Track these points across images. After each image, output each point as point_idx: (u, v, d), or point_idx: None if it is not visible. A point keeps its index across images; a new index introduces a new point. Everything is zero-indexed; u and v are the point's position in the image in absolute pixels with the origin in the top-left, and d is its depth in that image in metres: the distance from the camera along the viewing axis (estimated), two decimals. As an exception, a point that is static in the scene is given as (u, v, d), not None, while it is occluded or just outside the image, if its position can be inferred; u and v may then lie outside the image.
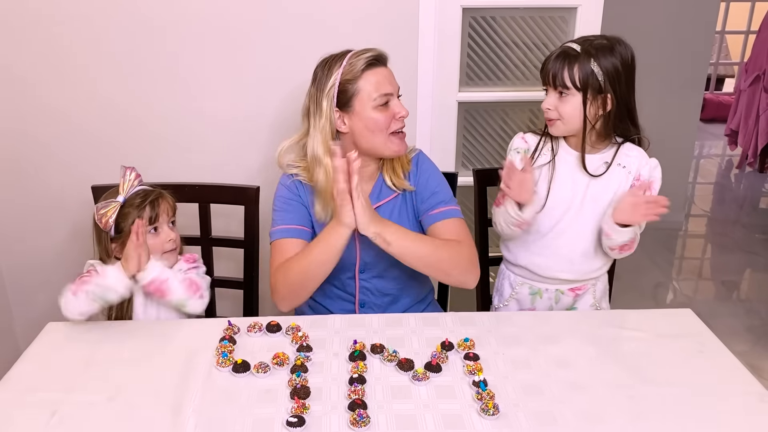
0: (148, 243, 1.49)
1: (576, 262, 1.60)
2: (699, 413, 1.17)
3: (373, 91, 1.48)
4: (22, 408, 1.17)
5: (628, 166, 1.54)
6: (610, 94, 1.47)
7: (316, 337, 1.39)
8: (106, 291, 1.41)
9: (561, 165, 1.58)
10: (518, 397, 1.20)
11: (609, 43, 1.48)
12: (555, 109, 1.50)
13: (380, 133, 1.50)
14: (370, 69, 1.49)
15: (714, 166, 5.45)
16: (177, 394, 1.21)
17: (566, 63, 1.46)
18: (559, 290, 1.64)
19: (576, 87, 1.46)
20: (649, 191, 1.51)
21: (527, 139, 1.63)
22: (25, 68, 1.92)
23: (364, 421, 1.12)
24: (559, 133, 1.54)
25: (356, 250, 1.59)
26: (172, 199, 1.60)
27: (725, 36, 6.35)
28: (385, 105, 1.50)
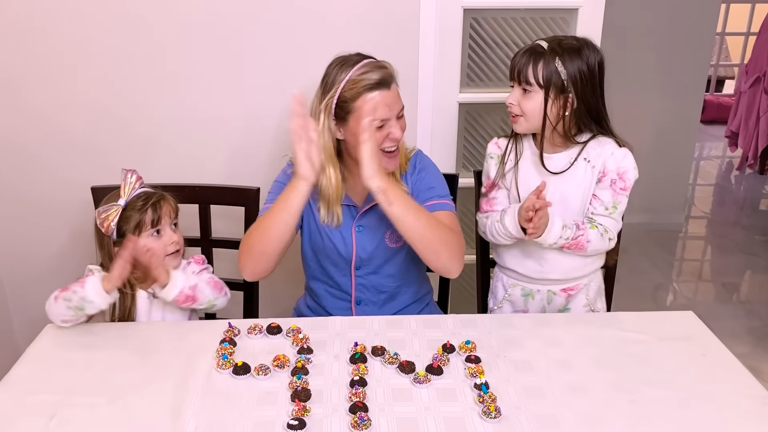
0: (151, 246, 1.48)
1: (558, 260, 1.59)
2: (701, 416, 1.16)
3: (368, 113, 1.45)
4: (21, 410, 1.17)
5: (593, 160, 1.53)
6: (571, 95, 1.47)
7: (316, 339, 1.39)
8: (82, 302, 1.39)
9: (527, 165, 1.59)
10: (520, 400, 1.20)
11: (577, 44, 1.47)
12: (518, 105, 1.50)
13: None
14: (370, 92, 1.46)
15: (714, 167, 5.45)
16: (177, 396, 1.20)
17: (531, 60, 1.46)
18: (551, 291, 1.63)
19: (539, 84, 1.46)
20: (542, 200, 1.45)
21: (500, 144, 1.64)
22: (23, 70, 1.92)
23: (365, 424, 1.11)
24: (522, 130, 1.55)
25: (352, 246, 1.59)
26: (174, 201, 1.58)
27: (725, 38, 6.36)
28: (380, 128, 1.48)
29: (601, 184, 1.53)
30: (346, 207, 1.59)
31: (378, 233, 1.59)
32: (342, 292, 1.65)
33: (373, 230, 1.59)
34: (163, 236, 1.53)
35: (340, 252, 1.60)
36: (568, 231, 1.50)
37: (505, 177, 1.62)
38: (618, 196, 1.53)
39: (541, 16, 2.03)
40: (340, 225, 1.58)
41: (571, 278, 1.63)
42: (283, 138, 2.00)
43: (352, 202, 1.60)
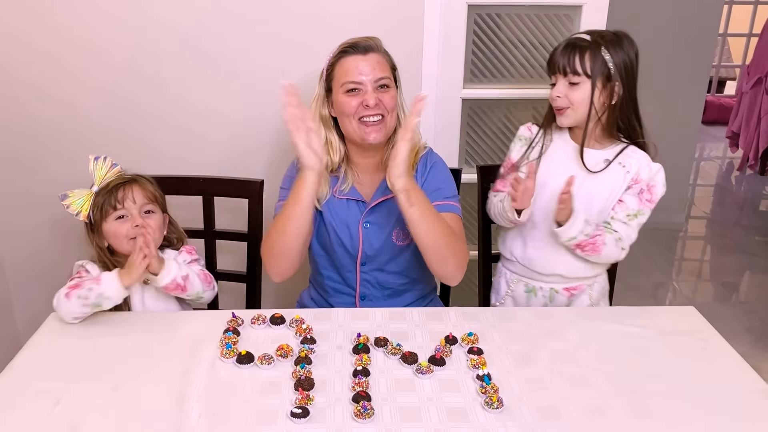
0: (114, 230, 1.49)
1: (568, 255, 1.59)
2: (701, 410, 1.17)
3: (341, 77, 1.51)
4: (25, 397, 1.18)
5: (628, 166, 1.53)
6: (618, 83, 1.48)
7: (319, 329, 1.39)
8: (100, 298, 1.39)
9: (559, 156, 1.58)
10: (522, 392, 1.21)
11: (617, 37, 1.50)
12: (565, 97, 1.50)
13: (348, 118, 1.52)
14: (344, 56, 1.52)
15: (715, 168, 5.46)
16: (181, 384, 1.21)
17: (577, 52, 1.48)
18: (554, 289, 1.64)
19: (586, 74, 1.47)
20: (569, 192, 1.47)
21: (532, 129, 1.65)
22: (31, 58, 1.92)
23: (368, 413, 1.12)
24: (569, 122, 1.54)
25: (359, 242, 1.59)
26: (151, 186, 1.56)
27: (727, 38, 6.36)
28: (353, 91, 1.51)
29: (630, 190, 1.53)
30: (354, 202, 1.60)
31: (385, 230, 1.59)
32: (347, 287, 1.65)
33: (380, 227, 1.59)
34: (127, 221, 1.50)
35: (346, 247, 1.60)
36: (589, 228, 1.50)
37: (528, 161, 1.62)
38: (642, 206, 1.54)
39: (545, 13, 2.03)
40: (327, 197, 1.58)
41: (575, 277, 1.62)
42: (283, 131, 1.99)
43: (360, 197, 1.60)
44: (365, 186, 1.61)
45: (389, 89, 1.53)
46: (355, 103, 1.50)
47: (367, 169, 1.62)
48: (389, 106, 1.52)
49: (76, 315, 1.40)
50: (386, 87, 1.53)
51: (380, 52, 1.54)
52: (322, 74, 1.57)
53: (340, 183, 1.60)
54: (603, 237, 1.52)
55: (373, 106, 1.49)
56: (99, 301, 1.39)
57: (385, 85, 1.52)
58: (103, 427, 1.10)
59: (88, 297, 1.38)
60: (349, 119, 1.52)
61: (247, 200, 1.78)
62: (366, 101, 1.49)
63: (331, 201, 1.60)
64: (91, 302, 1.39)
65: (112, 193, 1.50)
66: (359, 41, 1.53)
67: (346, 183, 1.60)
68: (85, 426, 1.10)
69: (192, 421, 1.11)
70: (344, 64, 1.52)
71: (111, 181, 1.52)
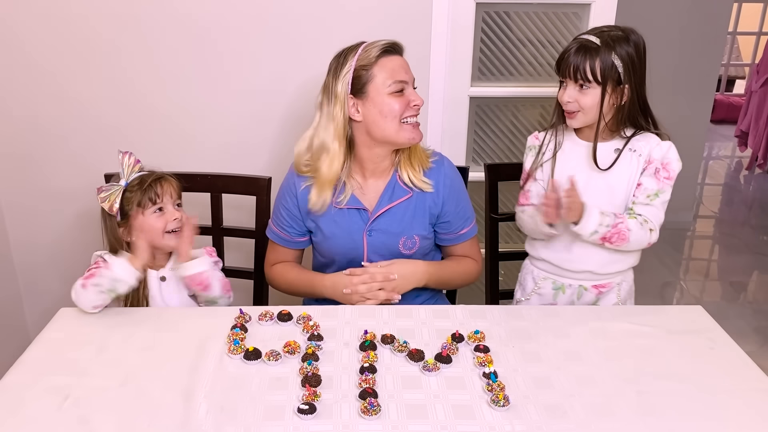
0: (151, 224, 1.52)
1: (595, 253, 1.57)
2: (709, 409, 1.17)
3: (388, 77, 1.50)
4: (35, 391, 1.18)
5: (639, 150, 1.52)
6: (627, 86, 1.48)
7: (326, 326, 1.40)
8: (114, 282, 1.43)
9: (571, 156, 1.58)
10: (528, 390, 1.21)
11: (624, 34, 1.48)
12: (575, 102, 1.49)
13: (393, 120, 1.51)
14: (385, 56, 1.51)
15: (723, 167, 5.44)
16: (189, 380, 1.21)
17: (587, 56, 1.46)
18: (582, 286, 1.63)
19: (596, 81, 1.46)
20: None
21: (539, 137, 1.64)
22: (42, 55, 1.93)
23: (374, 409, 1.12)
24: (579, 124, 1.54)
25: (363, 250, 1.59)
26: (176, 183, 1.59)
27: (737, 37, 6.33)
28: (400, 92, 1.51)
29: (645, 172, 1.53)
30: (356, 211, 1.59)
31: (392, 239, 1.59)
32: None
33: (385, 235, 1.59)
34: (166, 213, 1.53)
35: (350, 257, 1.60)
36: (608, 218, 1.49)
37: (542, 168, 1.61)
38: (661, 184, 1.52)
39: (553, 11, 2.03)
40: (324, 210, 1.58)
41: (604, 273, 1.60)
42: (288, 129, 2.02)
43: (362, 206, 1.59)
44: (368, 193, 1.60)
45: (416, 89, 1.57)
46: (402, 105, 1.50)
47: (373, 175, 1.60)
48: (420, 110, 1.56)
49: (95, 303, 1.43)
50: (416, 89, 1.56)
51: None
52: (346, 79, 1.50)
53: (338, 194, 1.58)
54: (625, 223, 1.50)
55: (421, 104, 1.53)
56: (113, 285, 1.43)
57: (416, 87, 1.56)
58: (111, 422, 1.11)
59: (102, 284, 1.42)
60: (394, 120, 1.50)
61: (255, 197, 1.78)
62: (414, 101, 1.52)
63: (331, 212, 1.59)
64: (106, 288, 1.42)
65: (151, 187, 1.52)
66: (396, 42, 1.54)
67: (345, 194, 1.58)
68: (94, 421, 1.11)
69: (200, 417, 1.12)
70: (387, 63, 1.50)
71: (143, 177, 1.54)
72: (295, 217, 1.62)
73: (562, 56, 1.51)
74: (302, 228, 1.64)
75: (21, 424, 1.11)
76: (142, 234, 1.51)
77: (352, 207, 1.58)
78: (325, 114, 1.53)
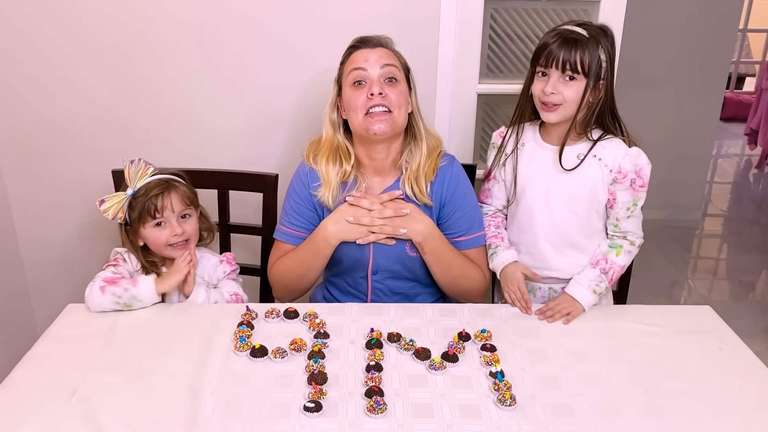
0: (152, 236, 1.52)
1: (556, 260, 1.57)
2: (717, 409, 1.16)
3: (348, 67, 1.51)
4: (42, 387, 1.19)
5: (604, 159, 1.50)
6: (604, 83, 1.46)
7: (332, 324, 1.40)
8: (133, 300, 1.43)
9: (533, 158, 1.56)
10: (535, 389, 1.20)
11: (601, 29, 1.47)
12: (560, 93, 1.45)
13: (355, 112, 1.48)
14: (354, 51, 1.52)
15: (732, 165, 5.40)
16: (195, 376, 1.22)
17: (577, 47, 1.42)
18: (552, 288, 1.62)
19: (584, 72, 1.43)
20: None
21: (502, 133, 1.63)
22: (52, 51, 1.93)
23: (380, 408, 1.12)
24: (557, 118, 1.49)
25: (370, 253, 1.57)
26: (188, 190, 1.57)
27: (747, 34, 6.28)
28: (360, 84, 1.49)
29: (620, 185, 1.50)
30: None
31: (398, 242, 1.55)
32: (358, 292, 1.64)
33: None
34: (166, 228, 1.53)
35: (356, 258, 1.58)
36: (601, 285, 1.51)
37: (504, 167, 1.60)
38: (637, 193, 1.52)
39: (562, 8, 2.01)
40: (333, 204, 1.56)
41: (569, 277, 1.58)
42: (297, 126, 2.02)
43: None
44: (375, 192, 1.58)
45: (398, 83, 1.50)
46: (362, 96, 1.47)
47: (377, 172, 1.58)
48: (395, 101, 1.48)
49: (105, 309, 1.43)
50: (394, 80, 1.49)
51: (390, 49, 1.53)
52: (336, 77, 1.57)
53: (349, 190, 1.56)
54: (614, 267, 1.53)
55: (377, 94, 1.46)
56: (131, 302, 1.43)
57: (393, 78, 1.49)
58: (119, 418, 1.11)
59: (122, 296, 1.42)
60: (356, 113, 1.48)
61: (262, 194, 1.78)
62: (371, 89, 1.46)
63: None
64: (123, 301, 1.43)
65: (151, 201, 1.51)
66: (371, 37, 1.53)
67: (357, 187, 1.56)
68: (102, 416, 1.11)
69: (206, 413, 1.12)
70: (353, 57, 1.51)
71: (148, 185, 1.52)
72: (304, 212, 1.59)
73: (546, 46, 1.46)
74: (311, 217, 1.60)
75: (29, 419, 1.11)
76: (151, 245, 1.54)
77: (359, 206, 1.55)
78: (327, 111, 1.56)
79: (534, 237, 1.58)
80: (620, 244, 1.54)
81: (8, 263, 2.13)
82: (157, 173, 1.56)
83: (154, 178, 1.54)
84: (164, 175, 1.57)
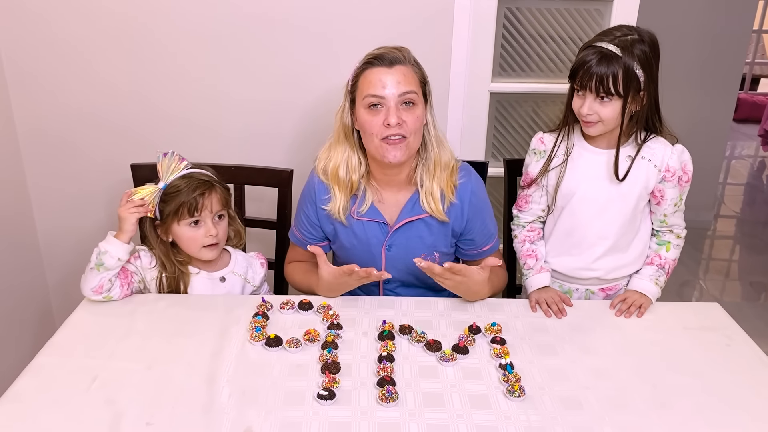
0: (187, 235, 1.50)
1: (602, 262, 1.59)
2: (724, 404, 1.18)
3: (364, 89, 1.43)
4: (63, 373, 1.23)
5: (653, 159, 1.52)
6: (645, 92, 1.45)
7: (345, 316, 1.43)
8: (100, 255, 1.43)
9: (580, 164, 1.56)
10: (544, 381, 1.23)
11: (638, 36, 1.44)
12: (596, 113, 1.45)
13: (371, 137, 1.44)
14: (369, 68, 1.44)
15: (746, 167, 5.38)
16: (212, 365, 1.25)
17: (609, 68, 1.40)
18: (589, 290, 1.64)
19: (618, 93, 1.42)
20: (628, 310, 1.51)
21: (545, 140, 1.61)
22: (73, 40, 1.96)
23: (392, 397, 1.15)
24: (597, 132, 1.50)
25: (382, 265, 1.56)
26: (222, 192, 1.55)
27: (762, 35, 6.24)
28: (375, 107, 1.43)
29: (669, 183, 1.52)
30: (375, 224, 1.55)
31: (410, 254, 1.50)
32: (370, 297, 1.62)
33: (405, 250, 1.55)
34: (201, 227, 1.51)
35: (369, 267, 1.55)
36: (661, 278, 1.56)
37: (548, 174, 1.59)
38: (683, 188, 1.55)
39: (575, 8, 2.03)
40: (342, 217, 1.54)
41: (613, 278, 1.62)
42: (311, 121, 2.05)
43: (383, 219, 1.55)
44: (388, 206, 1.56)
45: (414, 107, 1.44)
46: (377, 123, 1.42)
47: (390, 186, 1.56)
48: (412, 127, 1.43)
49: (92, 285, 1.44)
50: (411, 104, 1.43)
51: (408, 64, 1.45)
52: (347, 84, 1.50)
53: (359, 203, 1.54)
54: (669, 262, 1.59)
55: (394, 125, 1.40)
56: (100, 259, 1.43)
57: (410, 102, 1.43)
58: (137, 403, 1.14)
59: (91, 261, 1.44)
60: (372, 138, 1.44)
61: (277, 189, 1.81)
62: (387, 119, 1.40)
63: (351, 222, 1.55)
64: (94, 263, 1.43)
65: (194, 199, 1.48)
66: (385, 52, 1.44)
67: (365, 203, 1.54)
68: (121, 401, 1.15)
69: (222, 400, 1.15)
70: (368, 76, 1.43)
71: (190, 182, 1.49)
72: (314, 224, 1.59)
73: (581, 66, 1.44)
74: (320, 234, 1.61)
75: (50, 404, 1.15)
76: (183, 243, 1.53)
77: (372, 219, 1.55)
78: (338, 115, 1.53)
79: (582, 240, 1.58)
80: (668, 240, 1.59)
81: (27, 253, 2.17)
82: (190, 167, 1.53)
83: (190, 172, 1.51)
84: (198, 170, 1.54)
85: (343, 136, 1.52)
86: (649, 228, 1.61)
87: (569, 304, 1.52)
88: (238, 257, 1.64)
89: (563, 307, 1.50)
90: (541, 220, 1.67)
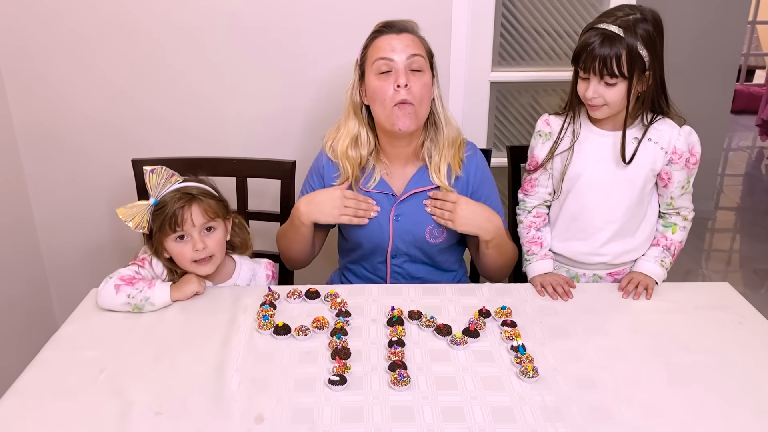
0: (175, 250, 1.46)
1: (610, 247, 1.57)
2: (736, 380, 1.17)
3: (374, 54, 1.47)
4: (71, 365, 1.21)
5: (660, 141, 1.50)
6: (651, 72, 1.44)
7: (353, 304, 1.41)
8: (145, 303, 1.39)
9: (587, 147, 1.54)
10: (557, 362, 1.21)
11: (641, 15, 1.42)
12: (601, 97, 1.44)
13: (381, 104, 1.46)
14: (379, 35, 1.49)
15: (744, 157, 5.38)
16: (220, 354, 1.24)
17: (612, 50, 1.38)
18: (597, 275, 1.63)
19: (623, 75, 1.40)
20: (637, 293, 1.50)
21: (551, 122, 1.59)
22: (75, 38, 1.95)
23: (404, 380, 1.13)
24: (603, 116, 1.49)
25: (389, 236, 1.57)
26: (209, 203, 1.47)
27: (756, 26, 6.25)
28: (385, 74, 1.45)
29: (676, 165, 1.50)
30: (383, 195, 1.57)
31: (418, 225, 1.55)
32: (377, 277, 1.65)
33: (412, 221, 1.56)
34: (188, 242, 1.45)
35: (376, 242, 1.58)
36: (667, 260, 1.55)
37: (554, 158, 1.58)
38: (690, 171, 1.53)
39: (574, -6, 2.03)
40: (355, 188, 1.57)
41: (620, 263, 1.60)
42: (314, 113, 2.04)
43: (390, 191, 1.57)
44: (395, 178, 1.58)
45: (422, 74, 1.47)
46: (388, 88, 1.44)
47: (398, 159, 1.58)
48: (419, 94, 1.45)
49: (114, 309, 1.39)
50: (419, 71, 1.46)
51: (416, 35, 1.50)
52: (357, 60, 1.53)
53: (367, 177, 1.57)
54: (674, 243, 1.57)
55: (403, 85, 1.43)
56: (143, 304, 1.38)
57: (418, 69, 1.46)
58: (147, 393, 1.13)
59: (135, 297, 1.38)
60: (383, 105, 1.46)
61: (280, 181, 1.80)
62: (397, 80, 1.43)
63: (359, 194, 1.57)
64: (135, 302, 1.38)
65: (173, 214, 1.42)
66: (396, 21, 1.49)
67: (374, 177, 1.57)
68: (130, 392, 1.13)
69: (232, 388, 1.14)
70: (377, 43, 1.48)
71: (171, 196, 1.45)
72: None
73: (584, 49, 1.42)
74: None
75: (59, 395, 1.13)
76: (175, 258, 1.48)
77: (380, 191, 1.57)
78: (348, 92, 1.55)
79: (588, 224, 1.56)
80: (674, 222, 1.57)
81: (27, 250, 2.16)
82: (181, 181, 1.49)
83: (180, 186, 1.47)
84: (189, 183, 1.50)
85: (353, 113, 1.54)
86: (657, 211, 1.59)
87: (573, 286, 1.51)
88: (243, 267, 1.59)
89: (569, 289, 1.49)
90: (546, 204, 1.65)
